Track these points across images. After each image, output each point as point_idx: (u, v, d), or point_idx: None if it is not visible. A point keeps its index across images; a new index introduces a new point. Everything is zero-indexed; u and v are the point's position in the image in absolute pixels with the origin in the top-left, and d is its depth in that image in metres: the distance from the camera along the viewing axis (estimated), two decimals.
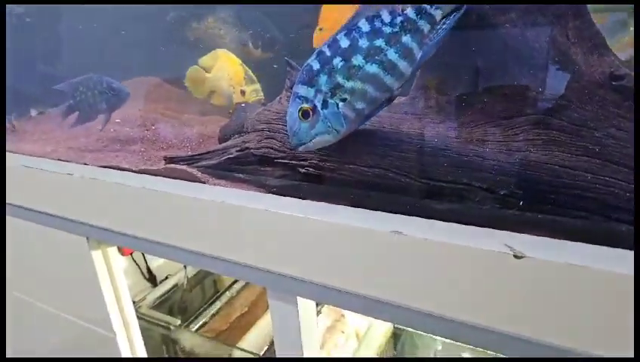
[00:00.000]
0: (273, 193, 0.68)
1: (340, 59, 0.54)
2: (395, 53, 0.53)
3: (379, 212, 0.58)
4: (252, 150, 0.72)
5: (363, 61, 0.54)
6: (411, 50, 0.54)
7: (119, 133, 1.00)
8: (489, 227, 0.52)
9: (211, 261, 0.73)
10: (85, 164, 0.90)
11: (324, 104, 0.56)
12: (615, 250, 0.46)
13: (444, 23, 0.53)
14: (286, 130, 0.68)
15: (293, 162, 0.67)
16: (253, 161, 0.72)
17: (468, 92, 0.60)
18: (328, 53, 0.55)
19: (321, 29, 0.90)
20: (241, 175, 0.74)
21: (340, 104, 0.56)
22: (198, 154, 0.79)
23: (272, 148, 0.70)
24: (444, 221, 0.54)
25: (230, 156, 0.74)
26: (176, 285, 1.59)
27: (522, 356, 0.51)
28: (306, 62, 0.57)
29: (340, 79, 0.55)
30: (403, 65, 0.54)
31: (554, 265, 0.45)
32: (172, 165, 0.79)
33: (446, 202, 0.56)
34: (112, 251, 1.05)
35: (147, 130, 1.00)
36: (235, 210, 0.65)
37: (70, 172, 0.86)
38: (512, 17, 0.56)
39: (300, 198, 0.65)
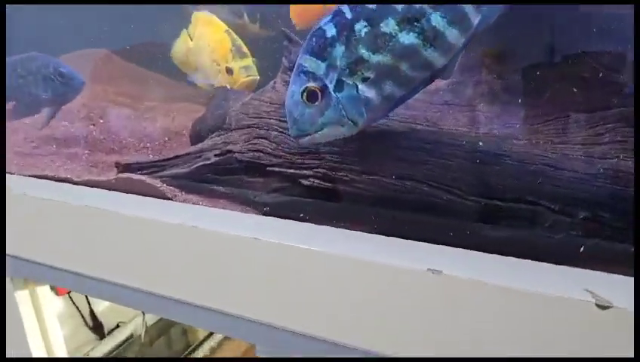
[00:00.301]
0: (265, 214, 0.69)
1: (365, 24, 0.55)
2: (442, 17, 0.53)
3: (410, 241, 0.59)
4: (236, 154, 0.73)
5: (396, 28, 0.54)
6: (465, 14, 0.54)
7: (55, 130, 1.02)
8: (563, 264, 0.52)
9: (178, 308, 0.74)
10: (10, 173, 0.92)
11: (339, 85, 0.57)
12: None
13: None
14: (283, 127, 0.70)
15: (292, 171, 0.68)
16: (238, 169, 0.74)
17: (534, 74, 0.61)
18: (349, 15, 0.55)
19: None
20: (220, 188, 0.75)
21: (361, 86, 0.56)
22: (163, 160, 0.81)
23: (262, 152, 0.71)
24: (500, 255, 0.54)
25: (206, 162, 0.76)
26: (131, 336, 1.61)
27: None
28: (317, 24, 0.57)
29: (363, 51, 0.55)
30: (452, 35, 0.54)
31: None
32: (126, 174, 0.81)
33: (504, 228, 0.56)
34: (44, 291, 1.07)
35: (93, 125, 1.02)
36: (211, 238, 0.66)
37: None
38: None
39: (301, 221, 0.66)
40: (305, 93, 0.57)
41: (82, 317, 1.61)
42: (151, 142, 0.96)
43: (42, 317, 1.12)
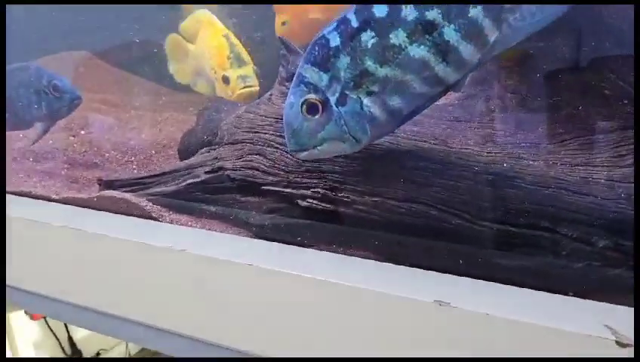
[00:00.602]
0: (260, 237, 0.70)
1: (373, 34, 0.56)
2: (456, 32, 0.54)
3: (416, 269, 0.60)
4: (228, 171, 0.74)
5: (406, 40, 0.55)
6: (481, 30, 0.54)
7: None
8: (581, 296, 0.53)
9: (164, 338, 0.74)
10: None
11: (342, 98, 0.58)
12: None
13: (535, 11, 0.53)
14: (279, 143, 0.71)
15: (289, 191, 0.69)
16: (230, 188, 0.75)
17: (552, 89, 0.62)
18: (355, 24, 0.56)
19: (284, 24, 0.93)
20: (211, 208, 0.76)
21: (365, 100, 0.57)
22: (148, 177, 0.82)
23: (257, 170, 0.72)
24: (513, 285, 0.55)
25: (196, 180, 0.77)
26: None
27: None
28: (320, 32, 0.58)
29: (369, 64, 0.56)
30: (467, 51, 0.55)
31: None
32: (109, 192, 0.82)
33: (517, 256, 0.57)
34: (18, 315, 1.08)
35: (73, 137, 1.03)
36: (201, 263, 0.67)
37: None
38: None
39: (299, 246, 0.67)
40: (305, 106, 0.58)
41: (59, 343, 1.62)
42: (135, 155, 0.97)
43: (15, 345, 1.12)
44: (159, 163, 0.95)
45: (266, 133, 0.73)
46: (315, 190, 0.67)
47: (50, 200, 0.86)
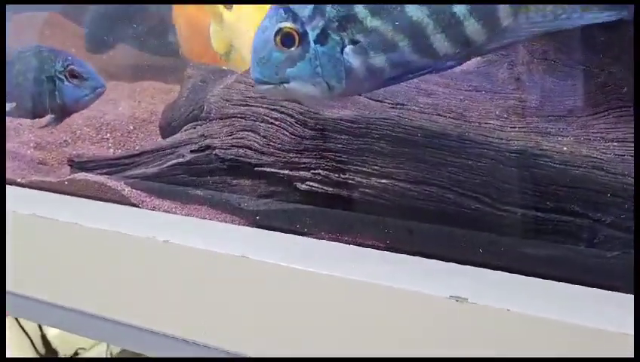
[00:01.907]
0: (255, 225, 0.71)
1: None
2: (467, 7, 0.54)
3: (429, 260, 0.61)
4: (217, 150, 0.75)
5: None
6: (494, 10, 0.54)
7: None
8: (615, 289, 0.54)
9: (146, 338, 0.76)
10: None
11: (322, 36, 0.58)
12: None
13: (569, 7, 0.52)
14: (275, 118, 0.72)
15: (286, 172, 0.71)
16: (220, 170, 0.76)
17: (583, 53, 0.62)
18: None
19: None
20: (199, 192, 0.77)
21: (348, 47, 0.58)
22: (127, 157, 0.83)
23: (249, 149, 0.73)
24: (538, 277, 0.56)
25: (180, 160, 0.78)
26: None
27: None
28: None
29: (359, 8, 0.57)
30: (472, 28, 0.55)
31: None
32: (82, 174, 0.83)
33: (544, 245, 0.58)
34: None
35: None
36: (188, 255, 0.68)
37: None
38: None
39: (299, 234, 0.69)
40: (279, 34, 0.58)
41: (32, 342, 1.64)
42: (111, 132, 0.97)
43: None
44: (139, 140, 0.96)
45: (259, 107, 0.74)
46: (316, 171, 0.68)
47: (15, 184, 0.87)
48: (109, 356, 1.64)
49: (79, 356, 1.67)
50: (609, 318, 0.51)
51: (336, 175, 0.67)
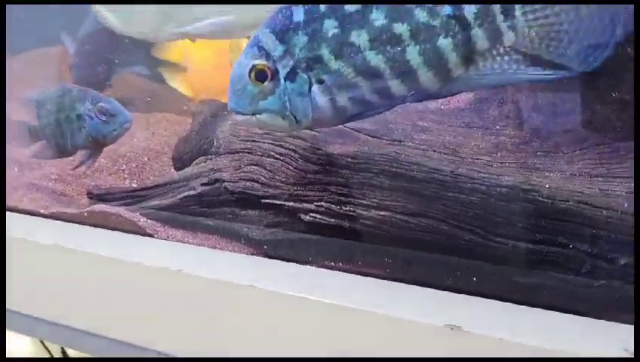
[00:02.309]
0: (261, 254, 0.72)
1: (336, 24, 0.59)
2: (419, 55, 0.57)
3: (426, 289, 0.62)
4: (226, 183, 0.76)
5: (367, 43, 0.58)
6: (446, 63, 0.56)
7: (16, 150, 1.05)
8: (602, 317, 0.55)
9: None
10: None
11: (292, 75, 0.61)
12: None
13: (515, 64, 0.55)
14: (279, 153, 0.73)
15: (291, 204, 0.71)
16: (229, 201, 0.77)
17: (569, 93, 0.63)
18: (323, 8, 0.59)
19: None
20: (209, 222, 0.78)
21: (315, 86, 0.61)
22: (142, 189, 0.84)
23: (256, 182, 0.74)
24: (529, 306, 0.57)
25: (192, 193, 0.79)
26: None
27: None
28: (289, 4, 0.61)
29: (325, 52, 0.59)
30: (425, 77, 0.57)
31: None
32: (100, 206, 0.85)
33: (534, 274, 0.59)
34: (8, 334, 1.11)
35: None
36: (199, 284, 0.69)
37: None
38: None
39: (303, 263, 0.70)
40: (253, 70, 0.61)
41: (51, 357, 1.65)
42: (127, 163, 0.99)
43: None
44: (153, 170, 0.97)
45: (264, 143, 0.75)
46: (319, 204, 0.69)
47: (39, 215, 0.89)
48: None
49: None
50: (597, 344, 0.52)
51: (338, 207, 0.68)
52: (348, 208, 0.67)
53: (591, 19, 0.51)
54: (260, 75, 0.61)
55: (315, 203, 0.70)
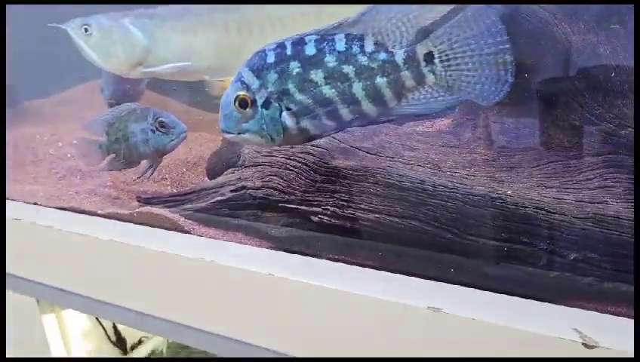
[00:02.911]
0: (278, 248, 0.74)
1: (299, 65, 0.63)
2: (362, 89, 0.61)
3: (412, 278, 0.63)
4: (250, 190, 0.78)
5: (322, 80, 0.63)
6: (382, 96, 0.61)
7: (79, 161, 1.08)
8: (555, 302, 0.56)
9: (196, 335, 0.79)
10: (36, 203, 0.98)
11: (266, 103, 0.65)
12: None
13: (432, 95, 0.60)
14: (292, 166, 0.75)
15: (303, 208, 0.73)
16: (252, 205, 0.79)
17: (528, 119, 0.65)
18: (289, 52, 0.64)
19: None
20: (236, 222, 0.80)
21: (285, 112, 0.65)
22: (182, 194, 0.86)
23: (275, 189, 0.76)
24: (496, 293, 0.59)
25: (222, 198, 0.81)
26: (153, 352, 1.66)
27: None
28: (264, 47, 0.66)
29: (290, 86, 0.64)
30: (367, 107, 0.62)
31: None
32: (147, 208, 0.87)
33: (500, 267, 0.60)
34: (69, 311, 1.13)
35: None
36: (227, 273, 0.71)
37: (18, 216, 0.94)
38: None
39: (313, 256, 0.71)
40: (237, 99, 0.65)
41: (106, 332, 1.66)
42: (169, 173, 1.00)
43: (67, 339, 1.17)
44: (190, 179, 0.99)
45: (281, 158, 0.76)
46: (326, 207, 0.71)
47: (96, 215, 0.91)
48: (166, 344, 1.66)
49: (142, 344, 1.70)
50: (552, 326, 0.53)
51: (341, 210, 0.70)
52: (349, 211, 0.69)
53: (490, 69, 0.56)
54: (242, 103, 0.65)
55: (322, 207, 0.71)
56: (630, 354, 0.49)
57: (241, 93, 0.65)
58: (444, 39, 0.58)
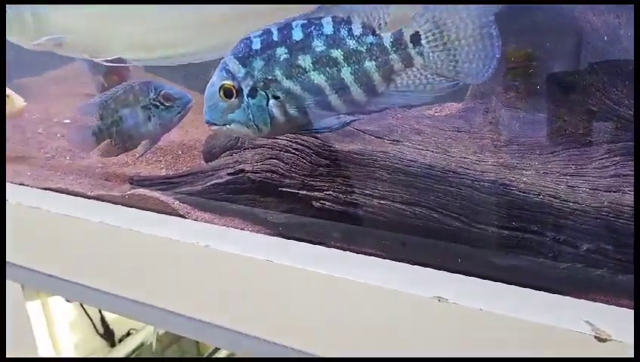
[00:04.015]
0: (277, 235, 0.74)
1: (286, 50, 0.64)
2: (351, 74, 0.62)
3: (419, 268, 0.63)
4: (248, 173, 0.78)
5: (311, 65, 0.63)
6: (372, 81, 0.62)
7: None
8: (566, 294, 0.56)
9: (187, 323, 0.79)
10: (22, 184, 0.98)
11: (252, 92, 0.65)
12: None
13: (422, 82, 0.61)
14: (295, 149, 0.75)
15: (303, 192, 0.73)
16: (251, 189, 0.78)
17: (544, 105, 0.65)
18: (275, 37, 0.64)
19: None
20: (233, 206, 0.80)
21: (272, 101, 0.65)
22: (176, 176, 0.86)
23: (275, 173, 0.76)
24: (505, 283, 0.59)
25: (219, 181, 0.81)
26: (142, 344, 1.66)
27: None
28: (249, 33, 0.66)
29: (277, 73, 0.64)
30: (356, 93, 0.63)
31: None
32: (140, 190, 0.86)
33: (510, 257, 0.60)
34: (55, 299, 1.13)
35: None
36: (223, 259, 0.71)
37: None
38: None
39: (314, 243, 0.71)
40: (222, 89, 0.65)
41: (93, 323, 1.67)
42: (163, 155, 1.00)
43: (52, 327, 1.17)
44: (185, 162, 0.99)
45: (282, 140, 0.76)
46: (328, 192, 0.71)
47: (85, 196, 0.90)
48: (155, 336, 1.66)
49: (131, 336, 1.70)
50: (562, 318, 0.54)
51: (344, 196, 0.70)
52: (352, 197, 0.69)
53: (476, 45, 0.57)
54: (227, 93, 0.65)
55: (324, 192, 0.71)
56: None
57: (226, 82, 0.65)
58: (429, 18, 0.59)
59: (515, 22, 0.69)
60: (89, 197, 0.91)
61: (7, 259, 0.98)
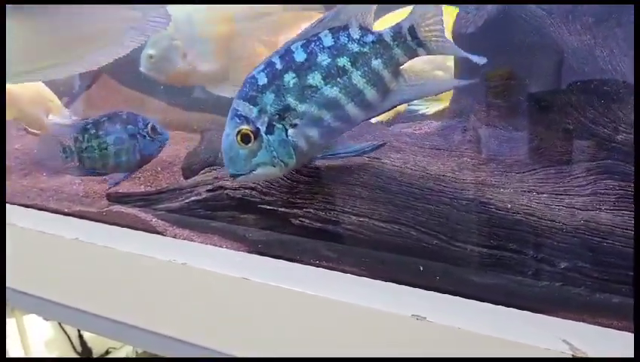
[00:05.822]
0: (256, 252, 0.74)
1: (293, 75, 0.63)
2: (362, 77, 0.63)
3: (397, 285, 0.63)
4: (228, 191, 0.78)
5: (321, 81, 0.63)
6: (382, 79, 0.63)
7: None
8: (544, 312, 0.57)
9: (165, 343, 0.78)
10: None
11: (270, 128, 0.65)
12: None
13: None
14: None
15: (283, 210, 0.73)
16: (230, 206, 0.78)
17: (521, 124, 0.65)
18: (279, 66, 0.64)
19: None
20: (212, 223, 0.80)
21: (290, 130, 0.65)
22: (155, 193, 0.86)
23: (254, 190, 0.75)
24: (483, 301, 0.59)
25: (198, 198, 0.80)
26: None
27: None
28: (251, 72, 0.66)
29: (290, 100, 0.64)
30: (371, 94, 0.63)
31: None
32: (118, 206, 0.86)
33: (487, 275, 0.61)
34: (31, 317, 1.12)
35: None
36: (201, 276, 0.71)
37: None
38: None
39: (292, 261, 0.71)
40: (239, 135, 0.65)
41: (71, 342, 1.65)
42: (142, 172, 1.00)
43: (27, 345, 1.16)
44: (165, 179, 0.99)
45: None
46: (307, 210, 0.71)
47: (62, 213, 0.90)
48: (135, 355, 1.65)
49: (110, 355, 1.68)
50: (540, 336, 0.54)
51: (323, 213, 0.70)
52: (332, 214, 0.69)
53: None
54: (245, 138, 0.64)
55: (304, 209, 0.71)
56: None
57: (242, 127, 0.64)
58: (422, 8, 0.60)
59: (494, 40, 0.70)
60: (66, 214, 0.90)
61: None
